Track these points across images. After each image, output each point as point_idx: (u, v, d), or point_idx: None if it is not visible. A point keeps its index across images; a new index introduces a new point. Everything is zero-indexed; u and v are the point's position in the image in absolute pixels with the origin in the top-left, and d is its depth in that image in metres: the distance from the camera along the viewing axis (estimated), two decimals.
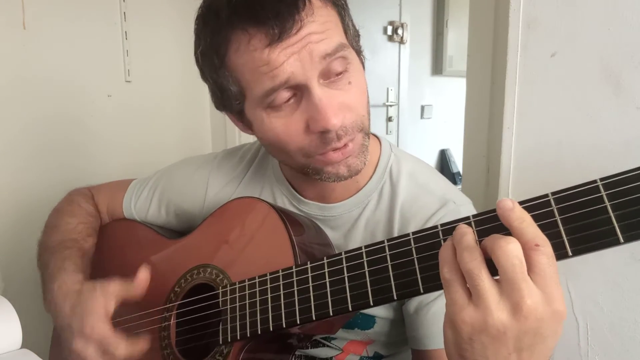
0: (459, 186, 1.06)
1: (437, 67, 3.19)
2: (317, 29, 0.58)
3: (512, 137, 0.95)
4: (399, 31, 2.76)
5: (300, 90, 0.60)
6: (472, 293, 0.41)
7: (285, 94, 0.59)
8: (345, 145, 0.62)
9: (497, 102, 0.97)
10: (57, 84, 1.26)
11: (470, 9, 1.05)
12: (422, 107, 3.21)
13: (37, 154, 1.23)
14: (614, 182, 0.40)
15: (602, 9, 0.83)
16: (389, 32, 2.74)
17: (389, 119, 2.84)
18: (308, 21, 0.57)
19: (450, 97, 3.21)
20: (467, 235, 0.42)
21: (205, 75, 0.67)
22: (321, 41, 0.58)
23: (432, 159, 3.35)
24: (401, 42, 2.80)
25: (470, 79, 1.07)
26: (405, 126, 2.94)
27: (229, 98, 0.65)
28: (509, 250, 0.39)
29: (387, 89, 2.80)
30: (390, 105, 2.82)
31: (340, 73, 0.61)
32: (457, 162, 3.34)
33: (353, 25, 0.66)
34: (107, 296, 0.65)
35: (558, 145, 0.90)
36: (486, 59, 1.00)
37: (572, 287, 0.87)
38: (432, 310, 0.65)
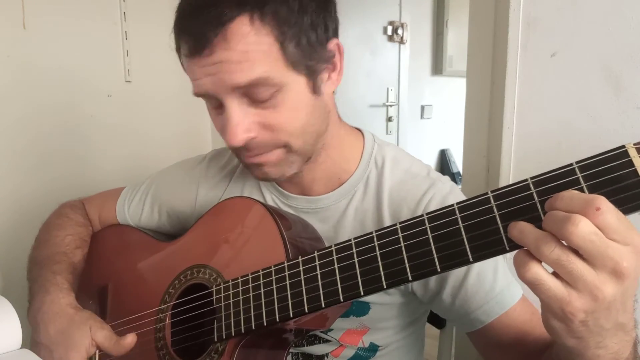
0: (459, 186, 1.06)
1: (437, 67, 3.19)
2: (232, 58, 0.57)
3: (512, 137, 0.95)
4: (399, 31, 2.76)
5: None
6: (567, 280, 0.40)
7: (213, 101, 0.64)
8: (256, 154, 0.65)
9: (497, 102, 0.97)
10: (57, 84, 1.26)
11: (470, 9, 1.05)
12: (422, 107, 3.21)
13: (37, 153, 1.23)
14: (588, 164, 0.41)
15: (602, 9, 0.83)
16: (389, 32, 2.74)
17: (389, 119, 2.84)
18: (221, 48, 0.57)
19: (450, 97, 3.21)
20: (527, 227, 0.41)
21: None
22: (235, 73, 0.57)
23: (432, 159, 3.35)
24: (401, 42, 2.80)
25: (470, 79, 1.07)
26: (405, 126, 2.94)
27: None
28: (582, 231, 0.38)
29: (387, 89, 2.79)
30: (390, 105, 2.82)
31: (266, 99, 0.61)
32: (457, 162, 3.34)
33: (315, 41, 0.62)
34: (91, 339, 0.67)
35: (558, 145, 0.90)
36: (486, 59, 1.00)
37: None
38: (470, 287, 0.65)
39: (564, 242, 0.39)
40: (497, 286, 0.65)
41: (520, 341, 0.64)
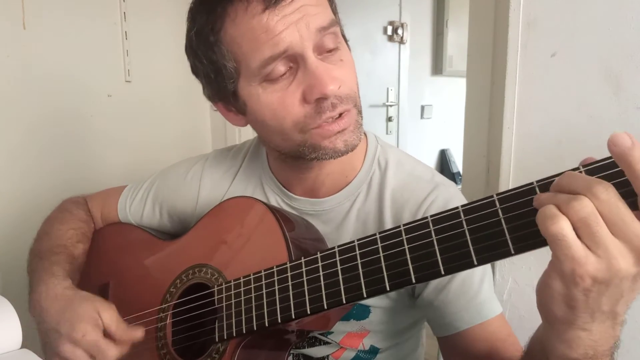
0: (459, 186, 1.06)
1: (437, 67, 3.19)
2: (312, 2, 0.61)
3: (512, 137, 0.95)
4: (399, 31, 2.76)
5: (296, 63, 0.61)
6: (588, 242, 0.38)
7: (281, 68, 0.61)
8: (341, 116, 0.63)
9: (497, 102, 0.97)
10: (57, 84, 1.26)
11: (470, 9, 1.05)
12: (422, 107, 3.21)
13: (37, 153, 1.23)
14: (593, 169, 0.40)
15: (602, 9, 0.83)
16: (389, 32, 2.74)
17: (389, 119, 2.84)
18: None
19: (450, 97, 3.21)
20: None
21: (198, 59, 0.67)
22: (316, 14, 0.61)
23: (432, 159, 3.35)
24: (401, 42, 2.80)
25: (470, 79, 1.07)
26: (405, 126, 2.94)
27: (223, 79, 0.65)
28: (613, 192, 0.37)
29: (387, 89, 2.80)
30: (390, 105, 2.82)
31: (332, 50, 0.63)
32: (457, 162, 3.34)
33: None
34: (99, 314, 0.65)
35: (558, 145, 0.90)
36: (486, 59, 1.00)
37: None
38: (453, 290, 0.65)
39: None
40: (480, 295, 0.65)
41: (489, 357, 0.63)
